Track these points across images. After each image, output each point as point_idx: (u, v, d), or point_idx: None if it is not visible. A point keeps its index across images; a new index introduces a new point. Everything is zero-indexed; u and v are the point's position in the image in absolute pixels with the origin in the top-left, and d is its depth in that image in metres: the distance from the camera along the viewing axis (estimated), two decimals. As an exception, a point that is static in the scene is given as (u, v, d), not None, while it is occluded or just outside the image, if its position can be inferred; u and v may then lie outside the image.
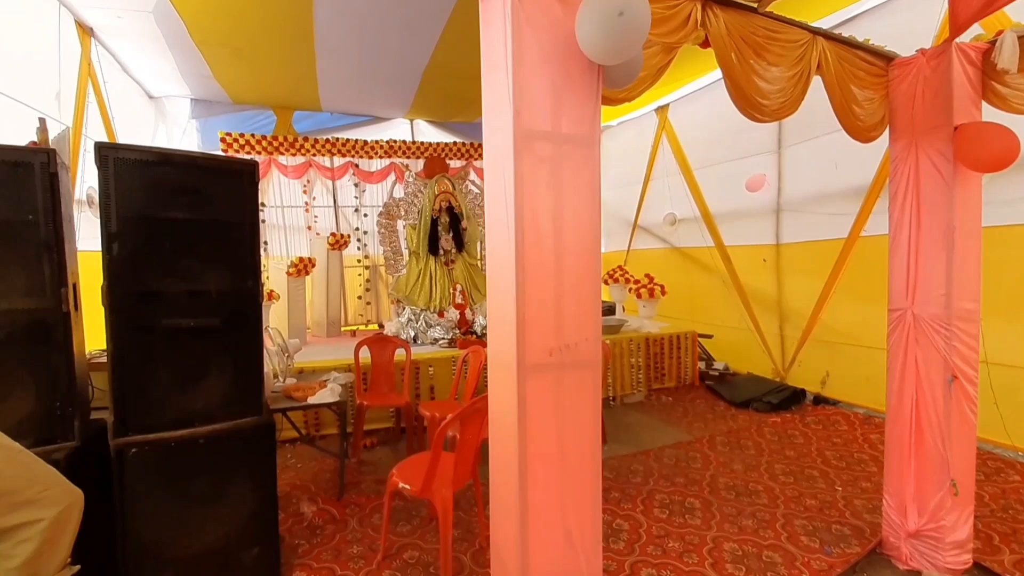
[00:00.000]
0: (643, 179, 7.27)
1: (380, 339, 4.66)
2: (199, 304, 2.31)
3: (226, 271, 2.37)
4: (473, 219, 6.74)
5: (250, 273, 2.43)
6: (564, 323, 1.68)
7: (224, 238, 2.37)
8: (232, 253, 2.39)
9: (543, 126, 1.64)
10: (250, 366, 2.47)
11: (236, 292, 2.40)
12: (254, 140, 6.42)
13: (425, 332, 5.93)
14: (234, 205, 2.39)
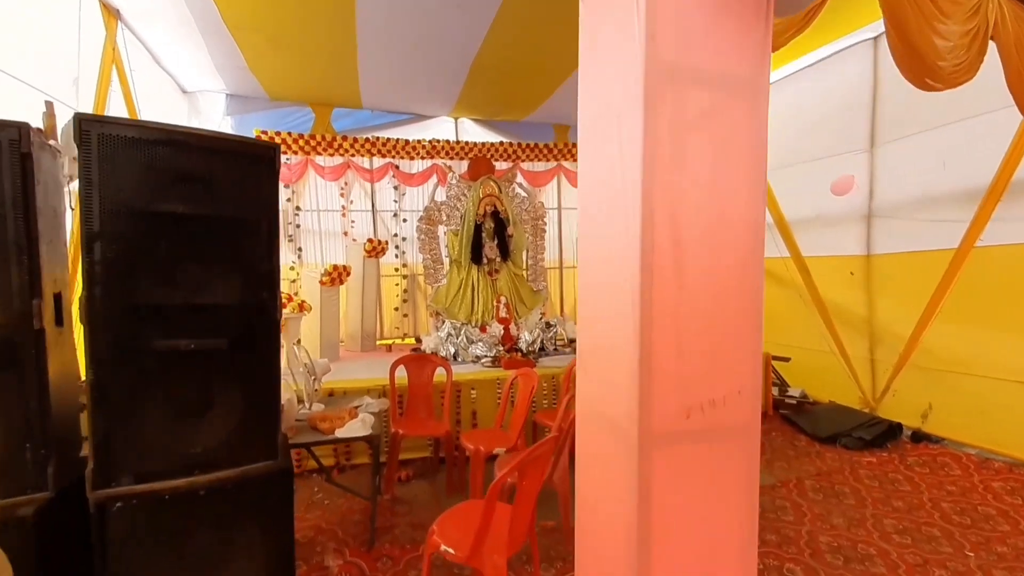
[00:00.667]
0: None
1: (418, 358, 4.18)
2: (202, 321, 1.84)
3: (237, 280, 1.90)
4: (519, 225, 6.24)
5: (266, 283, 1.96)
6: (709, 368, 1.13)
7: (236, 239, 1.90)
8: (245, 258, 1.92)
9: (691, 60, 1.10)
10: (264, 398, 2.00)
11: (248, 306, 1.93)
12: (291, 139, 6.08)
13: (466, 349, 5.44)
14: (250, 198, 1.92)
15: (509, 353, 5.43)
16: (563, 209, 7.22)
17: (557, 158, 7.01)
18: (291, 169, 6.19)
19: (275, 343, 2.01)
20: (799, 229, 5.49)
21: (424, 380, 4.10)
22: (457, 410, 4.31)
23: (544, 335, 5.83)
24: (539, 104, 6.43)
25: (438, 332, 5.70)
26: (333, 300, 5.43)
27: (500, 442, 3.47)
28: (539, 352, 5.63)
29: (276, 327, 2.00)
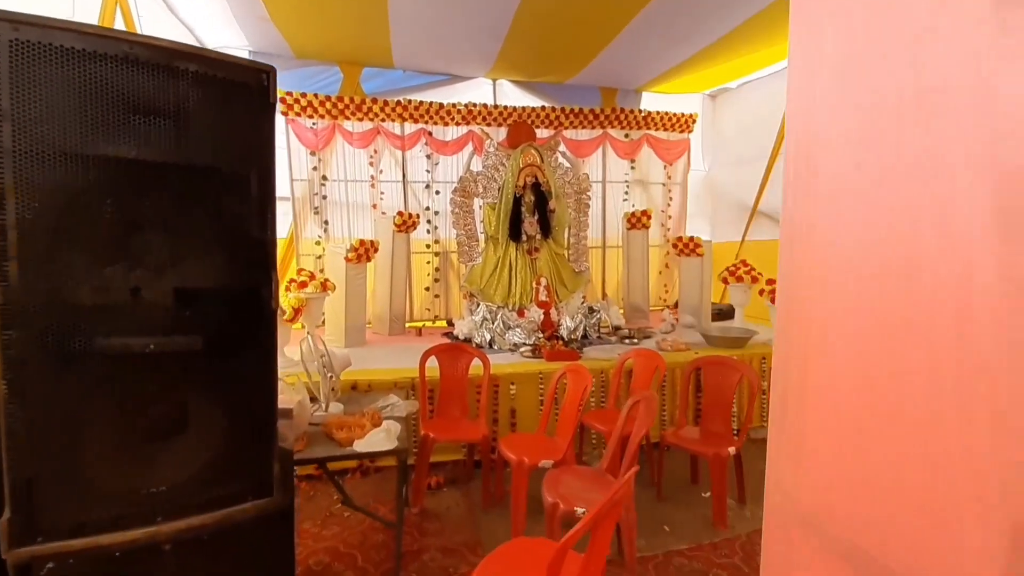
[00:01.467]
0: (769, 153, 5.88)
1: (452, 348, 3.64)
2: (167, 312, 1.31)
3: (217, 256, 1.36)
4: (562, 199, 5.61)
5: (257, 260, 1.42)
6: None
7: (215, 199, 1.35)
8: (229, 226, 1.38)
9: None
10: (255, 415, 1.47)
11: (233, 292, 1.39)
12: (316, 101, 5.54)
13: (503, 335, 4.89)
14: (235, 141, 1.37)
15: (550, 341, 4.87)
16: (607, 183, 6.56)
17: (603, 125, 6.33)
18: (317, 135, 5.67)
19: (270, 341, 1.47)
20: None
21: (459, 374, 3.57)
22: (494, 408, 3.78)
23: (587, 321, 5.24)
24: (585, 64, 5.74)
25: (472, 316, 5.16)
26: (359, 279, 4.92)
27: (546, 452, 2.92)
28: (582, 340, 5.05)
29: (271, 319, 1.46)
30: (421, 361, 3.49)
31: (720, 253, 5.72)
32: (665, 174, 6.71)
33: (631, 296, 5.95)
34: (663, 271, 6.87)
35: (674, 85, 6.38)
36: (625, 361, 3.83)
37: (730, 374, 3.28)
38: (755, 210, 6.19)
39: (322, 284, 4.30)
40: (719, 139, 6.85)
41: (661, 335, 5.17)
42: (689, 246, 5.37)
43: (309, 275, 4.33)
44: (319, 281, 4.31)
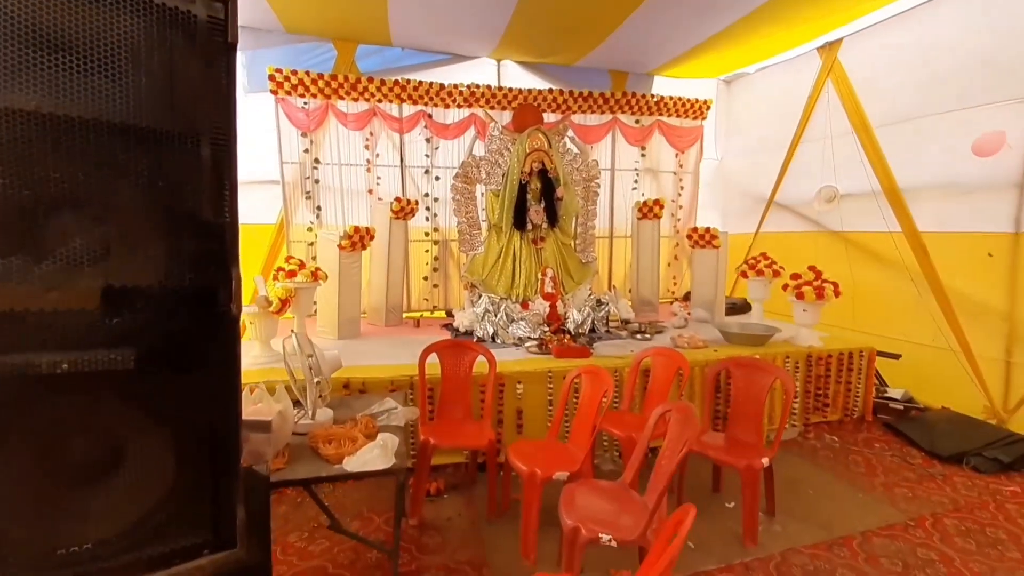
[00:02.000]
0: (789, 143, 5.54)
1: (455, 345, 3.32)
2: (84, 320, 0.98)
3: (153, 246, 1.03)
4: (570, 186, 5.27)
5: (210, 251, 1.09)
6: None
7: (149, 169, 1.02)
8: (168, 206, 1.05)
9: None
10: (211, 447, 1.15)
11: (178, 293, 1.06)
12: (308, 79, 5.17)
13: (506, 329, 4.57)
14: (177, 91, 1.03)
15: (556, 335, 4.56)
16: (616, 170, 6.21)
17: (613, 110, 5.97)
18: (309, 115, 5.30)
19: (229, 354, 1.14)
20: (916, 198, 4.42)
21: (462, 373, 3.25)
22: (499, 408, 3.47)
23: (595, 314, 4.93)
24: (596, 45, 5.38)
25: (473, 308, 4.84)
26: (354, 267, 4.59)
27: (560, 462, 2.62)
28: (589, 334, 4.75)
29: (231, 327, 1.13)
30: (421, 359, 3.18)
31: (735, 244, 5.40)
32: (676, 162, 6.37)
33: (640, 288, 5.64)
34: (672, 263, 6.55)
35: (688, 69, 6.02)
36: (642, 360, 3.52)
37: (762, 377, 2.97)
38: (771, 201, 5.86)
39: (312, 273, 3.97)
40: (734, 127, 6.51)
41: (674, 329, 4.87)
42: (705, 237, 5.05)
43: (299, 263, 4.00)
44: (309, 270, 3.98)
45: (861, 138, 4.75)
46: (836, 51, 5.00)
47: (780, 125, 5.67)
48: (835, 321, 4.67)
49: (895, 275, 4.54)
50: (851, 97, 4.86)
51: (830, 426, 4.18)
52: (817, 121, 5.25)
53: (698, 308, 5.22)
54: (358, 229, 4.43)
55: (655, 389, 3.42)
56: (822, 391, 4.12)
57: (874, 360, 4.22)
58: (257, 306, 3.59)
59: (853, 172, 4.83)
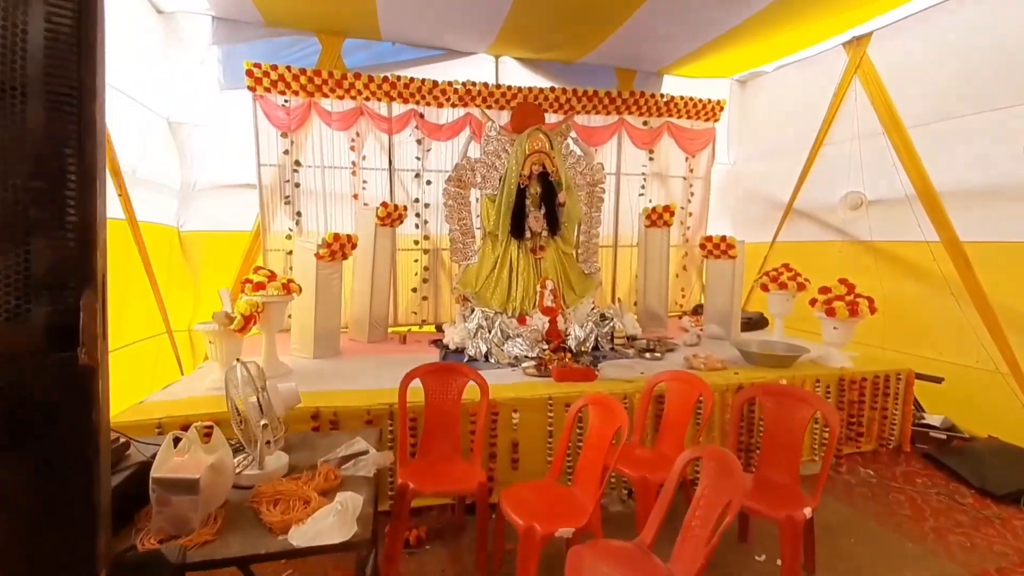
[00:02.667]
0: (810, 146, 5.15)
1: (442, 369, 2.89)
2: None
3: None
4: (573, 191, 4.87)
5: (53, 265, 0.66)
6: None
7: None
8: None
9: None
10: (52, 547, 0.72)
11: None
12: (290, 74, 4.78)
13: (501, 346, 4.15)
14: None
15: (556, 354, 4.13)
16: (623, 175, 5.81)
17: (619, 110, 5.58)
18: (290, 114, 4.90)
19: (83, 419, 0.71)
20: (956, 204, 4.01)
21: (449, 401, 2.82)
22: (492, 441, 3.03)
23: (598, 330, 4.51)
24: (601, 40, 5.00)
25: (465, 323, 4.42)
26: (333, 279, 4.17)
27: (564, 514, 2.19)
28: (592, 352, 4.32)
29: (84, 380, 0.70)
30: (402, 386, 2.75)
31: (749, 256, 4.98)
32: (687, 167, 5.97)
33: (648, 301, 5.21)
34: (680, 274, 6.14)
35: (699, 68, 5.64)
36: (656, 385, 3.09)
37: (798, 408, 2.54)
38: (790, 208, 5.46)
39: (284, 285, 3.55)
40: (748, 129, 6.11)
41: (686, 347, 4.44)
42: (720, 247, 4.63)
43: (268, 274, 3.58)
44: (281, 281, 3.55)
45: (893, 139, 4.36)
46: (864, 46, 4.61)
47: (800, 127, 5.28)
48: (864, 339, 4.24)
49: (932, 288, 4.12)
50: (881, 95, 4.46)
51: (864, 458, 3.74)
52: (842, 122, 4.85)
53: (712, 324, 4.80)
54: (338, 236, 4.02)
55: (671, 419, 2.99)
56: (855, 418, 3.68)
57: (912, 384, 3.79)
58: (216, 323, 3.16)
59: (883, 176, 4.43)
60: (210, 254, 4.97)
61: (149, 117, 4.45)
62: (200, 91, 4.83)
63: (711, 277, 4.87)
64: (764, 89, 5.89)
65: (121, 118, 3.95)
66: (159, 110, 4.62)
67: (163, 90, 4.64)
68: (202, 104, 4.85)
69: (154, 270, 4.24)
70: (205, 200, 4.94)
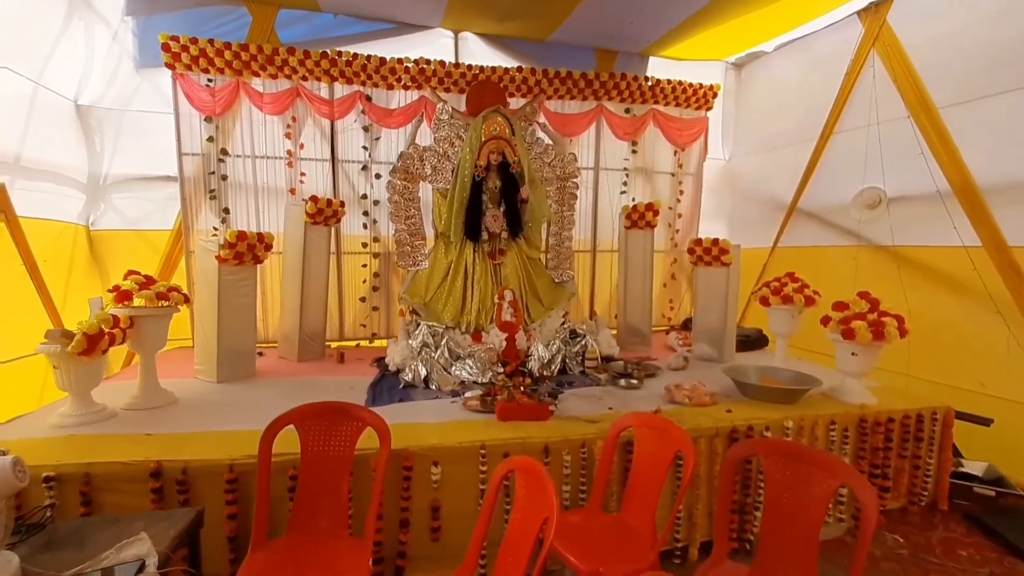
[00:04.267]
0: (818, 135, 4.34)
1: (326, 411, 2.08)
2: None
3: None
4: (539, 185, 4.08)
5: None
6: None
7: None
8: None
9: None
10: None
11: None
12: (212, 50, 4.00)
13: (447, 369, 3.36)
14: None
15: (512, 378, 3.34)
16: (602, 169, 5.01)
17: (597, 95, 4.79)
18: (215, 95, 4.13)
19: None
20: (1004, 200, 3.18)
21: (335, 453, 2.02)
22: (404, 503, 2.23)
23: (567, 349, 3.71)
24: (570, 10, 4.18)
25: (410, 340, 3.62)
26: (243, 286, 3.37)
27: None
28: (558, 376, 3.52)
29: None
30: (264, 439, 1.95)
31: (743, 262, 4.16)
32: (675, 161, 5.16)
33: (628, 315, 4.40)
34: (668, 283, 5.32)
35: (689, 48, 4.84)
36: (621, 431, 2.28)
37: (816, 478, 1.73)
38: (793, 208, 4.64)
39: (162, 293, 2.75)
40: (746, 119, 5.30)
41: (671, 371, 3.63)
42: (711, 252, 3.81)
43: (143, 279, 2.79)
44: (158, 289, 2.76)
45: (920, 122, 3.54)
46: (884, 13, 3.80)
47: (806, 114, 4.47)
48: (887, 364, 3.41)
49: (973, 304, 3.30)
50: (905, 71, 3.65)
51: (891, 518, 2.90)
52: (857, 105, 4.04)
53: (702, 343, 3.98)
54: (244, 235, 3.22)
55: (640, 479, 2.18)
56: (880, 470, 2.84)
57: (952, 425, 2.95)
58: (52, 343, 2.37)
59: (909, 168, 3.61)
60: (126, 256, 4.17)
61: (50, 99, 3.69)
62: (114, 70, 4.08)
63: (701, 287, 4.05)
64: (763, 72, 5.08)
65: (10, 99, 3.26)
66: (64, 92, 3.86)
67: (69, 69, 3.89)
68: (116, 85, 4.09)
69: (43, 274, 3.48)
70: (119, 195, 4.18)
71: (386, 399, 3.00)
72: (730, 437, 2.58)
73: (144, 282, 2.78)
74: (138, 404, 2.74)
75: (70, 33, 3.85)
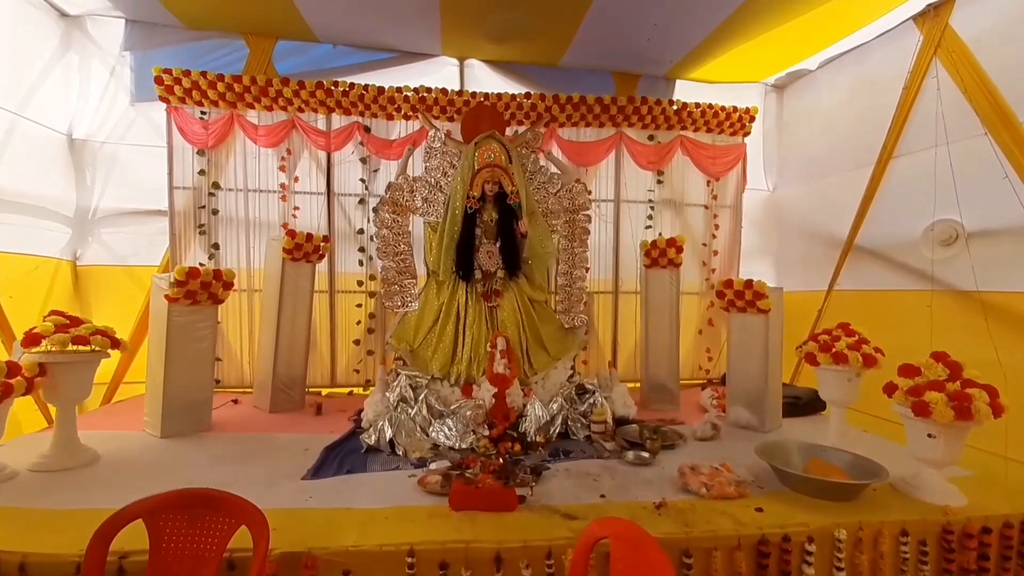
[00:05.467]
0: (875, 160, 3.58)
1: (190, 502, 1.54)
2: None
3: None
4: (540, 218, 3.52)
5: None
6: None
7: None
8: None
9: None
10: None
11: None
12: (205, 81, 3.78)
13: (425, 429, 2.80)
14: None
15: (498, 443, 2.75)
16: (624, 202, 4.39)
17: (616, 121, 4.23)
18: (208, 128, 3.89)
19: None
20: None
21: (194, 558, 1.47)
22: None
23: (571, 409, 3.06)
24: (576, 22, 3.65)
25: (389, 393, 3.09)
26: (199, 328, 2.97)
27: None
28: (558, 441, 2.88)
29: None
30: (95, 541, 1.43)
31: (793, 308, 3.40)
32: (708, 192, 4.48)
33: (651, 367, 3.70)
34: (704, 329, 4.56)
35: (720, 69, 4.24)
36: (596, 542, 1.61)
37: None
38: (850, 244, 3.83)
39: (79, 338, 2.36)
40: (790, 144, 4.58)
41: (697, 441, 2.89)
42: (744, 296, 3.09)
43: (64, 320, 2.41)
44: (80, 332, 2.37)
45: (1001, 140, 2.76)
46: (946, 15, 3.09)
47: (860, 136, 3.74)
48: (978, 442, 2.54)
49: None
50: (977, 79, 2.89)
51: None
52: (920, 123, 3.28)
53: (737, 407, 3.21)
54: (196, 273, 2.82)
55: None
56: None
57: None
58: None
59: (990, 196, 2.82)
60: (111, 292, 3.94)
61: (34, 132, 3.53)
62: (109, 105, 3.93)
63: (735, 339, 3.32)
64: (808, 92, 4.37)
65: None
66: (55, 126, 3.73)
67: (62, 104, 3.77)
68: (111, 120, 3.93)
69: (6, 309, 3.22)
70: (107, 229, 3.96)
71: (332, 469, 2.44)
72: (758, 550, 1.84)
73: (66, 323, 2.40)
74: (47, 464, 2.32)
75: (63, 66, 3.74)
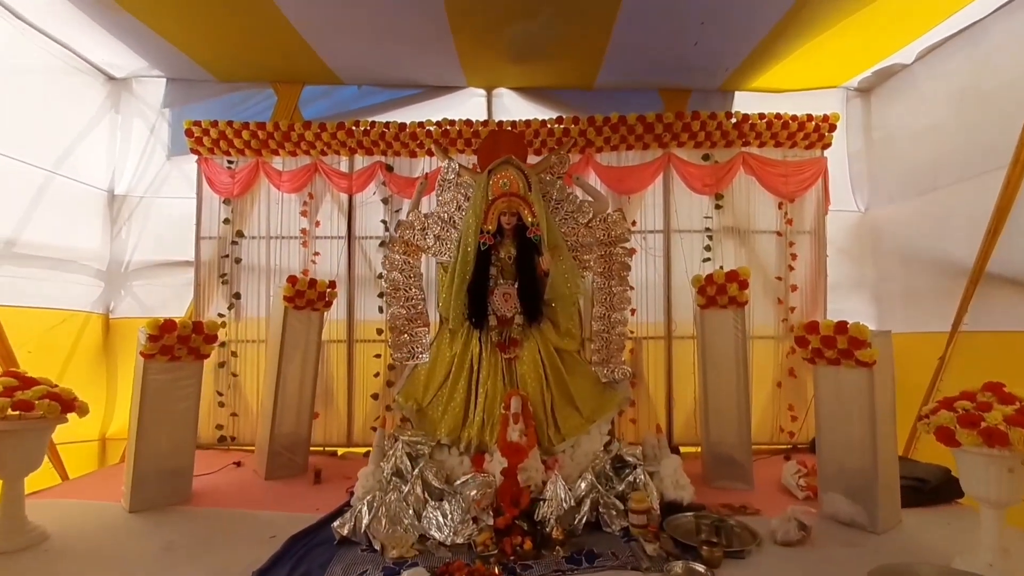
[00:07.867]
0: (1007, 164, 2.59)
1: None
2: None
3: None
4: (566, 252, 2.83)
5: None
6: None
7: None
8: None
9: None
10: None
11: None
12: (231, 131, 3.57)
13: (417, 513, 2.16)
14: None
15: (504, 537, 2.04)
16: (674, 232, 3.61)
17: (662, 142, 3.53)
18: (234, 176, 3.68)
19: None
20: None
21: None
22: None
23: (604, 491, 2.29)
24: (610, 36, 3.08)
25: (385, 463, 2.49)
26: (181, 387, 2.55)
27: None
28: (583, 536, 2.12)
29: None
30: None
31: (904, 357, 2.39)
32: (781, 217, 3.59)
33: (712, 432, 2.83)
34: (784, 382, 3.56)
35: (787, 74, 3.44)
36: None
37: None
38: (980, 273, 2.77)
39: (21, 402, 1.98)
40: (885, 155, 3.59)
41: (775, 544, 1.99)
42: (834, 344, 2.19)
43: (12, 383, 2.05)
44: (22, 397, 2.00)
45: None
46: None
47: (977, 137, 2.76)
48: None
49: None
50: None
51: None
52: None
53: (834, 493, 2.26)
54: (172, 326, 2.42)
55: None
56: None
57: None
58: None
59: None
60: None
61: (69, 188, 3.46)
62: (147, 160, 3.85)
63: (824, 399, 2.38)
64: (903, 91, 3.41)
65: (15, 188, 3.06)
66: (95, 182, 3.67)
67: (104, 161, 3.73)
68: (148, 174, 3.84)
69: (25, 364, 3.01)
70: (138, 281, 3.80)
71: (284, 571, 1.84)
72: None
73: (15, 385, 2.05)
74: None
75: (107, 125, 3.71)
